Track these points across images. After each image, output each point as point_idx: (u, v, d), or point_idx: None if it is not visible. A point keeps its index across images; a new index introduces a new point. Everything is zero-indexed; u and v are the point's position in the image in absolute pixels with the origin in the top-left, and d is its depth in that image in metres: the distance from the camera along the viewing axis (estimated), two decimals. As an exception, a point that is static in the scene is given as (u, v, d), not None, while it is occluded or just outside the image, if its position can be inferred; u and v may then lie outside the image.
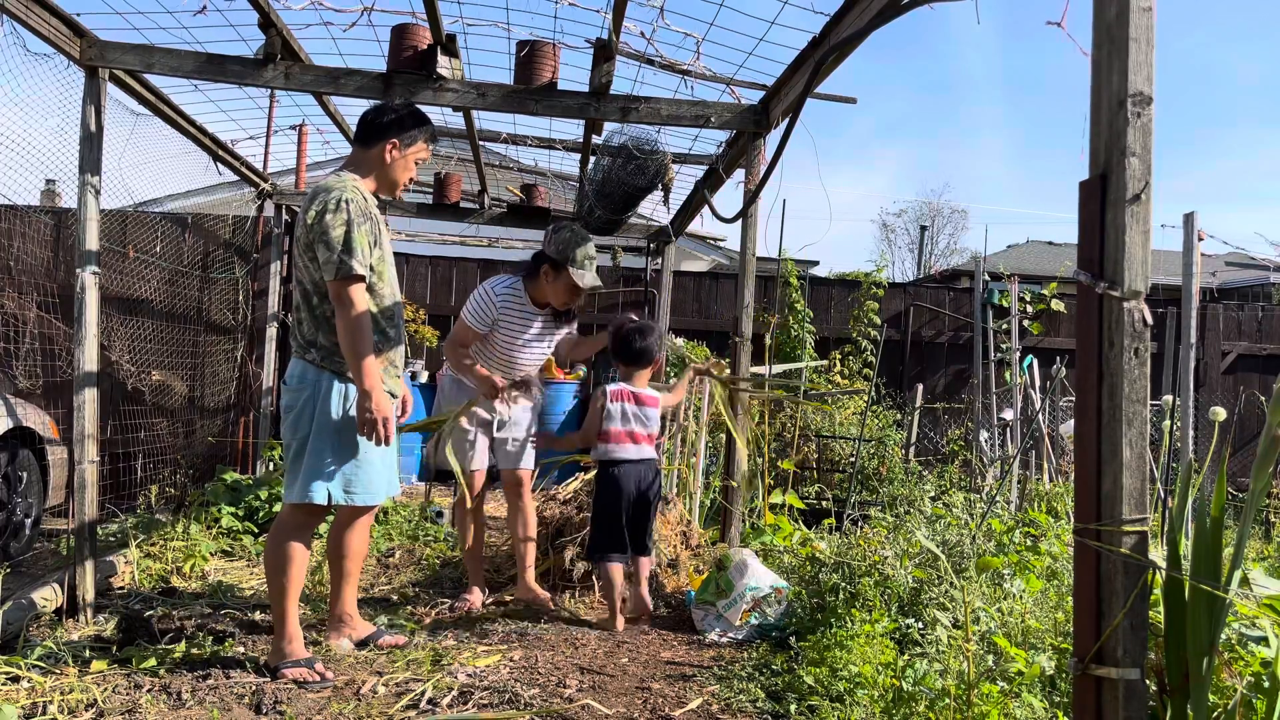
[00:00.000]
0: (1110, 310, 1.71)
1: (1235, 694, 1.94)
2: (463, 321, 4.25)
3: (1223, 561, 1.82)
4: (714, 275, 10.17)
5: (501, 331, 4.25)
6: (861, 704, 2.94)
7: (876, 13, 3.27)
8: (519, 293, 4.26)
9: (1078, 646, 1.78)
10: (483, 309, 4.20)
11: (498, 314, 4.21)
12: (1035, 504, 6.59)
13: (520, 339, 4.30)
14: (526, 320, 4.29)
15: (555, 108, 4.51)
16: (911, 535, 4.10)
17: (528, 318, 4.29)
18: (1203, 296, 12.57)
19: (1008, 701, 2.68)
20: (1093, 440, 1.74)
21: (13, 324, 6.11)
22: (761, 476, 6.31)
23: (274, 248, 7.70)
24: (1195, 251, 4.70)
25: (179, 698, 2.98)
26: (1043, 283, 10.64)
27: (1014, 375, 8.78)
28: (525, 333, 4.29)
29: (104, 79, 4.11)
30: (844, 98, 4.71)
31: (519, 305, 4.26)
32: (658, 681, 3.40)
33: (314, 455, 3.27)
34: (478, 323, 4.21)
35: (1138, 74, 1.71)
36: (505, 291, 4.24)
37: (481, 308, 4.20)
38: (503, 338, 4.27)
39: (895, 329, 9.72)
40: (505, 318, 4.23)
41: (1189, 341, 4.73)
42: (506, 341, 4.28)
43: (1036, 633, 3.19)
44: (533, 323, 4.31)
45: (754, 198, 4.64)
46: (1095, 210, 1.74)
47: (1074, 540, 1.81)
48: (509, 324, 4.25)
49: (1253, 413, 9.49)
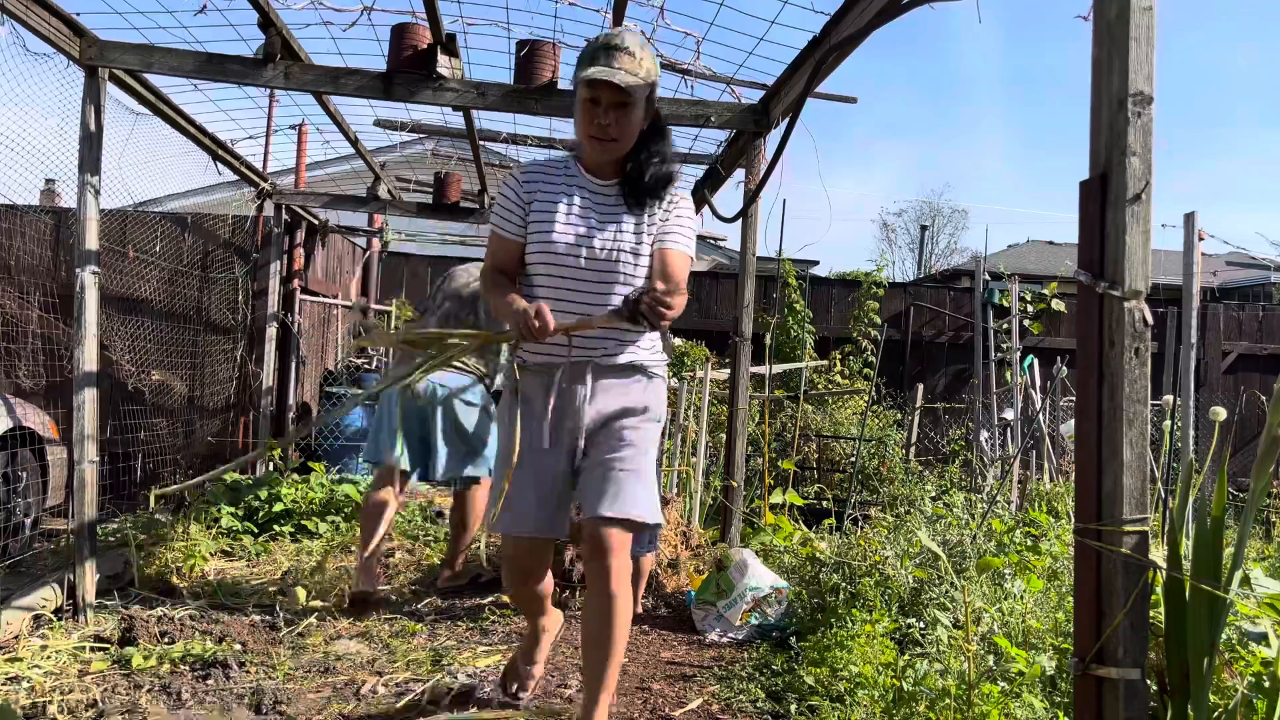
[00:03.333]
0: (1111, 310, 1.71)
1: (1236, 694, 1.94)
2: (492, 233, 2.73)
3: (1223, 561, 1.81)
4: (714, 275, 10.17)
5: (544, 238, 2.60)
6: (862, 704, 2.93)
7: (877, 12, 3.26)
8: (562, 164, 2.72)
9: (1078, 646, 1.77)
10: (507, 197, 2.66)
11: (528, 198, 2.64)
12: (1036, 504, 6.59)
13: (578, 247, 2.59)
14: (585, 209, 2.63)
15: (555, 107, 4.51)
16: (912, 535, 4.09)
17: (587, 203, 2.63)
18: (1203, 296, 12.57)
19: (1008, 702, 2.67)
20: (1093, 440, 1.74)
21: (13, 324, 6.11)
22: (762, 476, 6.30)
23: (274, 247, 7.70)
24: (1196, 251, 4.69)
25: (179, 698, 2.98)
26: (1043, 282, 10.64)
27: (1014, 375, 8.77)
28: (584, 229, 2.60)
29: (104, 78, 4.11)
30: (844, 97, 4.71)
31: (565, 181, 2.66)
32: (658, 681, 3.40)
33: None
34: (504, 220, 2.64)
35: (1138, 73, 1.70)
36: (540, 164, 2.74)
37: (505, 196, 2.67)
38: (547, 252, 2.60)
39: (895, 329, 9.71)
40: (544, 207, 2.62)
41: (1189, 341, 4.73)
42: (555, 258, 2.60)
43: (1037, 633, 3.19)
44: (594, 212, 2.62)
45: (754, 197, 4.64)
46: (1096, 210, 1.74)
47: (1074, 540, 1.81)
48: (553, 218, 2.61)
49: (1253, 413, 9.49)
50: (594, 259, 2.57)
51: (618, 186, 2.64)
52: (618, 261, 2.57)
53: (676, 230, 2.62)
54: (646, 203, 2.61)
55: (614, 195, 2.63)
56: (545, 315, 2.34)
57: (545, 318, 2.34)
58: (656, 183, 2.61)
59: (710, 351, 8.22)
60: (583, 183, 2.64)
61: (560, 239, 2.57)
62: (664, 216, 2.62)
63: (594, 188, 2.64)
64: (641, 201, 2.61)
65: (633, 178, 2.61)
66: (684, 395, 6.55)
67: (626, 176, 2.62)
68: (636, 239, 2.60)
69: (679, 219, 2.64)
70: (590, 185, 2.64)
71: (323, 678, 3.26)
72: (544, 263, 2.59)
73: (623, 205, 2.62)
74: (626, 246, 2.58)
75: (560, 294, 2.58)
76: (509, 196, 2.64)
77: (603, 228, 2.59)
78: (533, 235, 2.60)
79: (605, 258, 2.57)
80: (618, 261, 2.57)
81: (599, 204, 2.63)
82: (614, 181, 2.64)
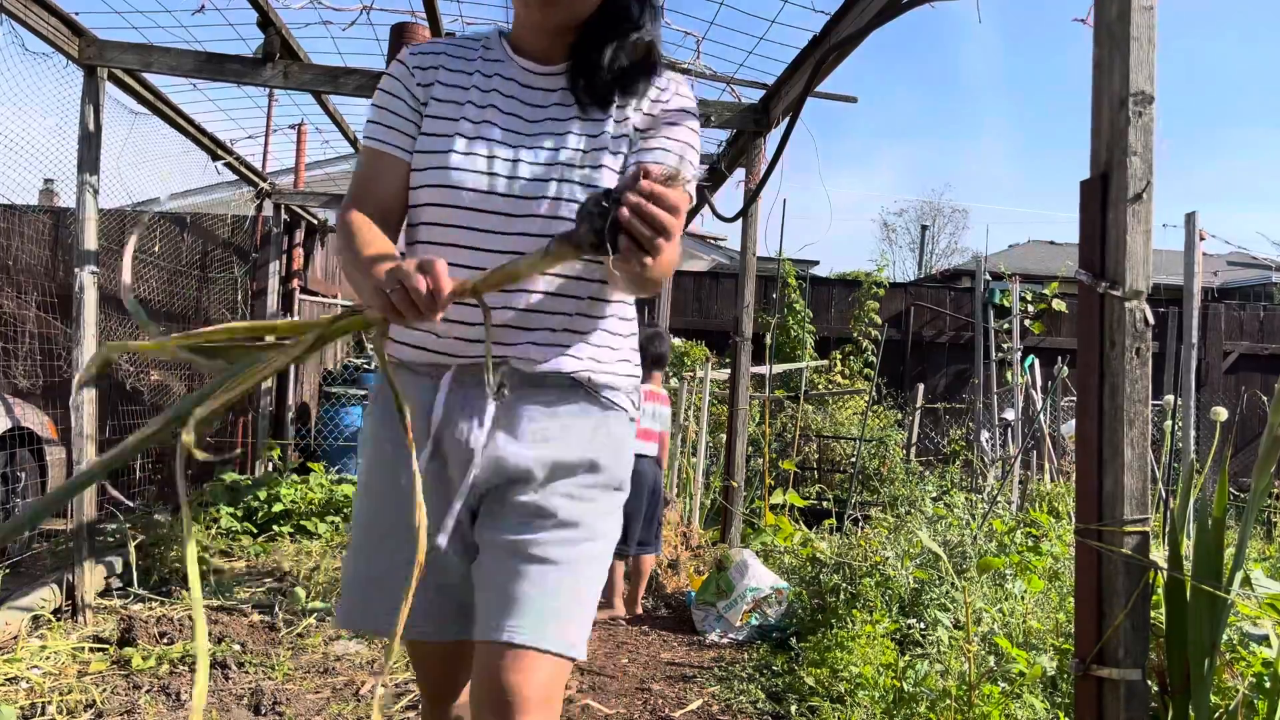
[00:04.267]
0: (1112, 310, 1.71)
1: (1237, 694, 1.94)
2: (363, 148, 1.67)
3: (1224, 562, 1.81)
4: (714, 275, 10.17)
5: (439, 160, 1.56)
6: (862, 705, 2.93)
7: (877, 12, 3.26)
8: (479, 44, 1.69)
9: (1079, 647, 1.77)
10: (391, 93, 1.63)
11: (423, 94, 1.62)
12: (1036, 504, 6.58)
13: (493, 176, 1.55)
14: (511, 114, 1.60)
15: (555, 107, 4.51)
16: (913, 535, 4.09)
17: (514, 105, 1.61)
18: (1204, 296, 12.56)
19: (1009, 702, 2.67)
20: (1094, 440, 1.73)
21: (12, 324, 6.11)
22: (762, 477, 6.30)
23: (273, 247, 7.69)
24: (1197, 251, 4.69)
25: (178, 698, 2.97)
26: (1044, 282, 10.64)
27: (1015, 375, 8.77)
28: (506, 147, 1.57)
29: (103, 78, 4.10)
30: (844, 97, 4.70)
31: (482, 69, 1.64)
32: (658, 682, 3.40)
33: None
34: (384, 127, 1.61)
35: (1139, 73, 1.70)
36: (445, 43, 1.71)
37: (388, 93, 1.64)
38: (443, 185, 1.55)
39: (896, 329, 9.71)
40: (444, 110, 1.60)
41: (1190, 341, 4.72)
42: (455, 195, 1.55)
43: (1038, 633, 3.18)
44: (525, 119, 1.60)
45: (754, 197, 4.64)
46: (1096, 210, 1.73)
47: (1075, 541, 1.81)
48: (456, 128, 1.58)
49: (1254, 413, 9.48)
50: (520, 195, 1.50)
51: (565, 76, 1.59)
52: (559, 200, 1.50)
53: (666, 142, 1.56)
54: (612, 99, 1.56)
55: (559, 89, 1.59)
56: (436, 272, 1.23)
57: (436, 275, 1.23)
58: (627, 67, 1.56)
59: (710, 351, 8.21)
60: (510, 70, 1.60)
61: (464, 164, 1.52)
62: (645, 121, 1.57)
63: (527, 79, 1.60)
64: (603, 97, 1.56)
65: (588, 59, 1.56)
66: (684, 395, 6.54)
67: (578, 58, 1.57)
68: (593, 160, 1.53)
69: (670, 126, 1.58)
70: (521, 75, 1.60)
71: (321, 678, 3.25)
72: (438, 202, 1.53)
73: (573, 105, 1.57)
74: (575, 174, 1.52)
75: (463, 252, 1.50)
76: (393, 92, 1.60)
77: (536, 143, 1.54)
78: (422, 156, 1.55)
79: (538, 192, 1.50)
80: (559, 200, 1.50)
81: (534, 105, 1.58)
82: (560, 68, 1.59)
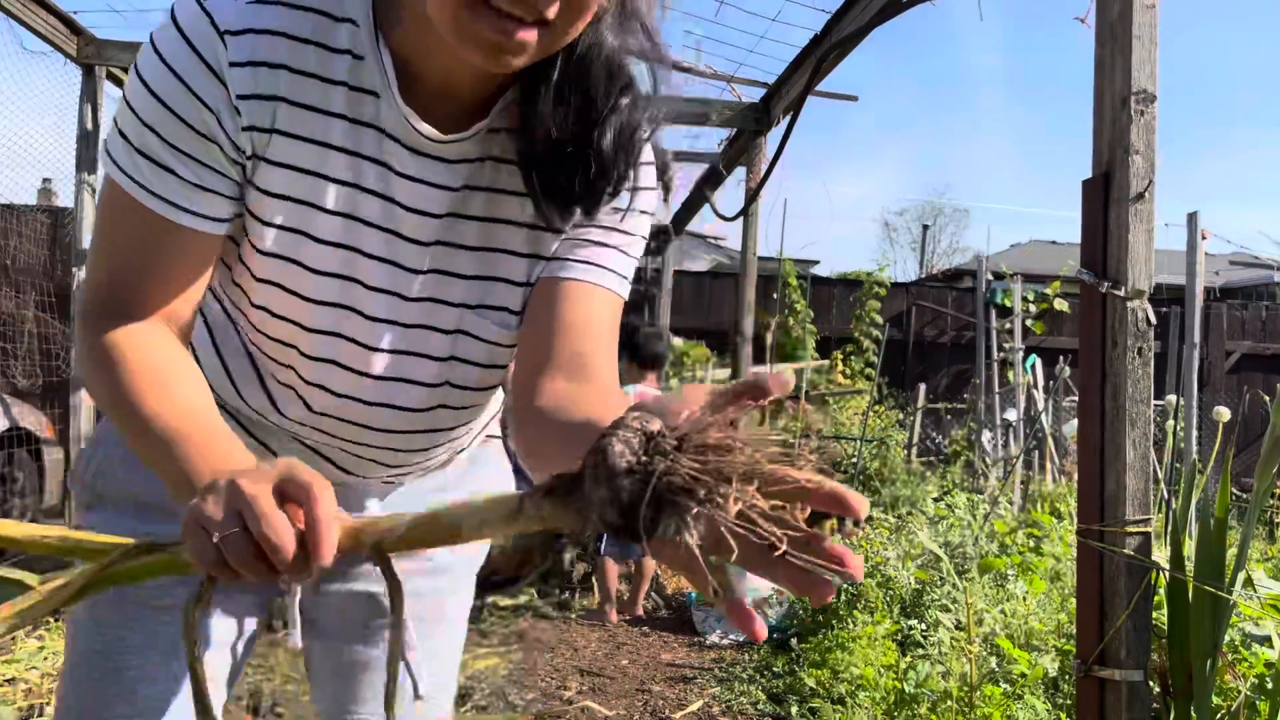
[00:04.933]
0: (1113, 310, 1.70)
1: (1239, 696, 1.93)
2: (117, 201, 0.89)
3: (1226, 563, 1.80)
4: (714, 274, 10.17)
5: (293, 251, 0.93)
6: (863, 706, 2.92)
7: (878, 10, 3.25)
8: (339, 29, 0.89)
9: (1081, 648, 1.76)
10: (179, 114, 0.85)
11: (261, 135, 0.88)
12: (1038, 505, 6.57)
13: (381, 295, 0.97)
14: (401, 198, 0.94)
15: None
16: (914, 536, 4.08)
17: (409, 188, 0.93)
18: (1207, 296, 12.56)
19: (1010, 703, 2.66)
20: (1096, 441, 1.72)
21: (10, 324, 6.10)
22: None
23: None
24: (1199, 251, 4.68)
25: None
26: (1046, 282, 10.63)
27: (1017, 375, 8.76)
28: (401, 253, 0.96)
29: (101, 77, 4.10)
30: (845, 95, 4.70)
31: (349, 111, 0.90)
32: (658, 683, 3.39)
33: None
34: (174, 186, 0.87)
35: (1141, 71, 1.69)
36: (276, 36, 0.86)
37: (173, 108, 0.85)
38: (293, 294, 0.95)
39: (897, 329, 9.70)
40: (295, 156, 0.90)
41: (1193, 341, 4.71)
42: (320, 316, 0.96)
43: (1039, 634, 3.17)
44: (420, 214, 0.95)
45: (755, 196, 4.63)
46: (1098, 209, 1.73)
47: (1077, 541, 1.80)
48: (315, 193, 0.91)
49: (1257, 413, 9.47)
50: (418, 324, 1.00)
51: (483, 159, 0.97)
52: (478, 339, 1.02)
53: (611, 248, 1.01)
54: (570, 210, 0.97)
55: (469, 170, 0.96)
56: (316, 514, 0.67)
57: (316, 522, 0.67)
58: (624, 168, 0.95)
59: (711, 351, 8.21)
60: (393, 122, 0.91)
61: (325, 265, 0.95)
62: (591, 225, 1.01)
63: (420, 144, 0.93)
64: (563, 206, 0.96)
65: (542, 146, 0.92)
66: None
67: (527, 134, 0.93)
68: (526, 276, 1.01)
69: (624, 226, 1.02)
70: (410, 139, 0.92)
71: (321, 679, 3.25)
72: (288, 317, 0.97)
73: (507, 205, 0.98)
74: (505, 298, 1.01)
75: (317, 402, 1.02)
76: (184, 118, 0.86)
77: (450, 255, 0.99)
78: (269, 234, 0.93)
79: (442, 324, 1.00)
80: (478, 339, 1.02)
81: (429, 191, 0.95)
82: (471, 135, 0.94)
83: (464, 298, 1.00)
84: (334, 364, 0.99)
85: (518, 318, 1.01)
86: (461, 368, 1.03)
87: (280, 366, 1.01)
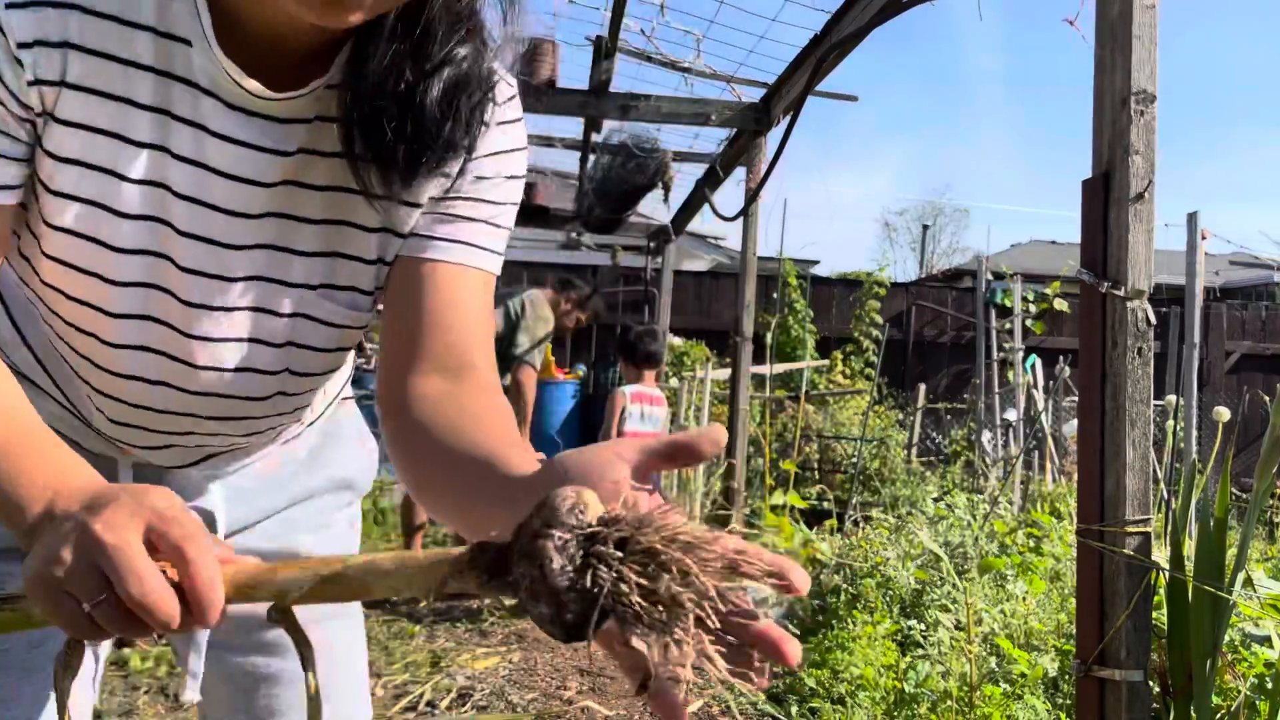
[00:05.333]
0: (1113, 310, 1.70)
1: (1239, 696, 1.93)
2: None
3: (1226, 563, 1.80)
4: (714, 274, 10.17)
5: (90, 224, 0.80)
6: (863, 706, 2.92)
7: (878, 10, 3.25)
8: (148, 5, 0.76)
9: (1080, 648, 1.76)
10: None
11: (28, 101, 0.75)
12: (1038, 505, 6.57)
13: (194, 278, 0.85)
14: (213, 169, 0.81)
15: (555, 105, 4.50)
16: (914, 536, 4.08)
17: (219, 155, 0.81)
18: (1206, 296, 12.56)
19: (1010, 704, 2.66)
20: (1096, 441, 1.72)
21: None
22: (763, 477, 6.29)
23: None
24: (1199, 251, 4.68)
25: (176, 699, 2.97)
26: (1046, 282, 10.63)
27: (1017, 375, 8.76)
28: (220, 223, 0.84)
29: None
30: (845, 95, 4.70)
31: (147, 49, 0.77)
32: (658, 683, 3.39)
33: None
34: None
35: (1141, 71, 1.69)
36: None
37: None
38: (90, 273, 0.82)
39: (897, 329, 9.70)
40: (92, 114, 0.77)
41: (1192, 341, 4.71)
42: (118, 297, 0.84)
43: (1039, 634, 3.18)
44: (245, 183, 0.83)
45: (755, 196, 4.63)
46: (1098, 209, 1.73)
47: (1077, 541, 1.80)
48: (117, 186, 0.80)
49: (1256, 413, 9.47)
50: (247, 307, 0.88)
51: (311, 122, 0.84)
52: (321, 323, 0.91)
53: (479, 222, 0.91)
54: (415, 175, 0.83)
55: (307, 133, 0.84)
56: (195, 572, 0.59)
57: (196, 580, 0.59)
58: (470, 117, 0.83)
59: (710, 351, 8.21)
60: (209, 75, 0.78)
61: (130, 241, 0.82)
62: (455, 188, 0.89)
63: (243, 105, 0.80)
64: (403, 174, 0.82)
65: (371, 104, 0.79)
66: (684, 395, 6.54)
67: (352, 88, 0.80)
68: (378, 253, 0.90)
69: (491, 195, 0.91)
70: (231, 96, 0.79)
71: (321, 679, 3.25)
72: (87, 301, 0.84)
73: (336, 168, 0.85)
74: (354, 277, 0.90)
75: (131, 395, 0.91)
76: None
77: (287, 229, 0.87)
78: (60, 204, 0.80)
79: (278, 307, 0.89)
80: (321, 323, 0.91)
81: (254, 156, 0.82)
82: (308, 92, 0.81)
83: (304, 277, 0.88)
84: (147, 352, 0.87)
85: (370, 298, 0.91)
86: (302, 354, 0.92)
87: (80, 358, 0.88)
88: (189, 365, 0.88)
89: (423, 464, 0.81)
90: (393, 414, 0.84)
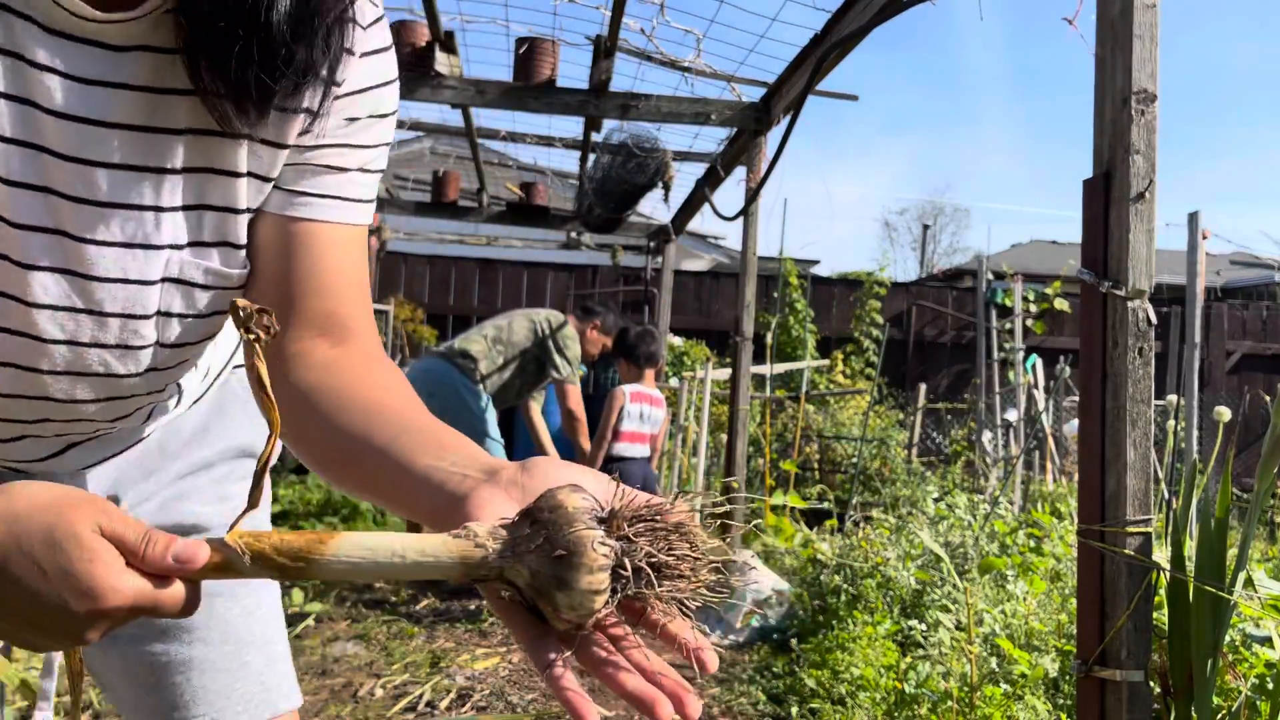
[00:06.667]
0: (1114, 310, 1.69)
1: (1240, 696, 1.92)
2: None
3: (1227, 563, 1.80)
4: (715, 274, 10.16)
5: None
6: (863, 706, 2.91)
7: (878, 10, 3.24)
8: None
9: (1081, 648, 1.76)
10: None
11: None
12: (1039, 505, 6.57)
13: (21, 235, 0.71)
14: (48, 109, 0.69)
15: (554, 105, 4.50)
16: (914, 536, 4.08)
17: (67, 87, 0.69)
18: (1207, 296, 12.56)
19: (1011, 704, 2.66)
20: (1096, 441, 1.72)
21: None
22: (763, 477, 6.29)
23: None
24: (1200, 250, 4.67)
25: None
26: (1046, 282, 10.63)
27: (1017, 375, 8.75)
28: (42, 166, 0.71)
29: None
30: (845, 95, 4.69)
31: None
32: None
33: None
34: None
35: (1141, 71, 1.69)
36: None
37: None
38: None
39: (898, 328, 9.70)
40: None
41: (1193, 341, 4.71)
42: None
43: (1040, 634, 3.17)
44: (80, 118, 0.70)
45: (755, 195, 4.62)
46: (1099, 209, 1.72)
47: (1077, 541, 1.80)
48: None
49: (1257, 413, 9.46)
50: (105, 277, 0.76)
51: (154, 51, 0.72)
52: (197, 286, 0.80)
53: (350, 171, 0.83)
54: (269, 104, 0.73)
55: (152, 63, 0.72)
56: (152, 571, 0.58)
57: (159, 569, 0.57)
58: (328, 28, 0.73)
59: (710, 351, 8.20)
60: (29, 2, 0.67)
61: None
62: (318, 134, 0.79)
63: (67, 29, 0.68)
64: (257, 104, 0.72)
65: (211, 24, 0.69)
66: (684, 395, 6.53)
67: (193, 16, 0.69)
68: (247, 202, 0.80)
69: (360, 139, 0.83)
70: (51, 18, 0.68)
71: (320, 680, 3.25)
72: None
73: (194, 106, 0.74)
74: (227, 230, 0.80)
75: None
76: None
77: (140, 181, 0.74)
78: None
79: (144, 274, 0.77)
80: (197, 286, 0.80)
81: (87, 90, 0.70)
82: (144, 14, 0.70)
83: (172, 236, 0.76)
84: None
85: (242, 252, 0.80)
86: (178, 323, 0.80)
87: None
88: (35, 339, 0.76)
89: (312, 430, 0.76)
90: (271, 372, 0.70)
